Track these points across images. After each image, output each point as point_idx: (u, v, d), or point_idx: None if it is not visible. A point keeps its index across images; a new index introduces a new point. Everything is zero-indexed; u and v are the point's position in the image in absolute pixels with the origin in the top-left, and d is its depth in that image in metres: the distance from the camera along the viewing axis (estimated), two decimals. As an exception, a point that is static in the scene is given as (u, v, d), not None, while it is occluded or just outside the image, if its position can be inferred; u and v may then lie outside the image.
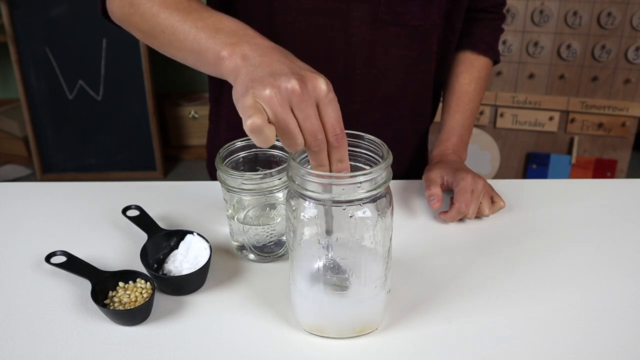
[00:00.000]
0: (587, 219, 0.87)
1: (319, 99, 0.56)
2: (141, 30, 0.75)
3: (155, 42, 0.73)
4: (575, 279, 0.75)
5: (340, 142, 0.57)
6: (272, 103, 0.54)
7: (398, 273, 0.74)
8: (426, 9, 0.89)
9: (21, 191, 0.94)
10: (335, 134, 0.56)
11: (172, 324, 0.67)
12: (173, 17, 0.69)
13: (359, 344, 0.65)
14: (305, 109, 0.55)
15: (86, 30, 2.41)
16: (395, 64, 0.93)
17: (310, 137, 0.56)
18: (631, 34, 2.00)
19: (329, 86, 0.56)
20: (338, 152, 0.57)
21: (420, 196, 0.93)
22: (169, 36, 0.70)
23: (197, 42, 0.66)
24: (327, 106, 0.56)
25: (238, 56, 0.60)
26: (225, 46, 0.62)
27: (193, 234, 0.76)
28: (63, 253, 0.74)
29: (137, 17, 0.74)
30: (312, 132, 0.56)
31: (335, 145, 0.57)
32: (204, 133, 2.22)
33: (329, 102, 0.56)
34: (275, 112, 0.55)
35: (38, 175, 2.64)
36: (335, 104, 0.57)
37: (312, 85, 0.55)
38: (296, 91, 0.54)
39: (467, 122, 1.01)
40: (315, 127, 0.55)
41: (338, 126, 0.57)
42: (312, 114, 0.55)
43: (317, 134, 0.56)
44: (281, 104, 0.55)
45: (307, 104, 0.55)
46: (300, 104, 0.55)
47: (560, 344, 0.64)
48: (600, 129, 2.15)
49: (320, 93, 0.56)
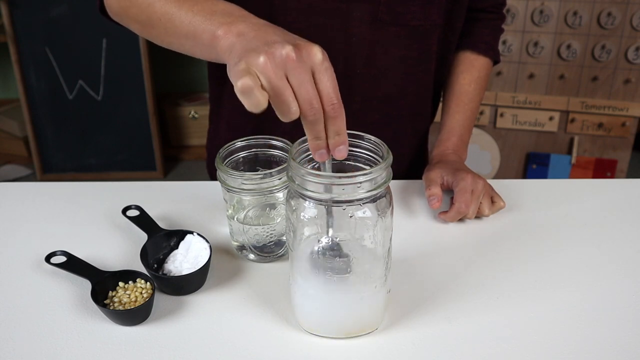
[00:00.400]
0: (587, 219, 0.87)
1: (315, 66, 0.54)
2: (139, 22, 0.75)
3: (153, 31, 0.74)
4: (575, 279, 0.75)
5: (337, 112, 0.55)
6: (265, 69, 0.53)
7: (398, 273, 0.74)
8: (426, 9, 0.89)
9: (21, 191, 0.94)
10: (332, 102, 0.55)
11: (172, 324, 0.67)
12: (169, 4, 0.70)
13: (359, 344, 0.65)
14: (300, 75, 0.54)
15: (86, 30, 2.41)
16: (395, 64, 0.93)
17: (306, 105, 0.54)
18: (631, 34, 2.00)
19: (324, 55, 0.55)
20: (335, 123, 0.56)
21: (420, 196, 0.93)
22: (165, 23, 0.70)
23: (192, 26, 0.66)
24: (323, 74, 0.55)
25: (233, 34, 0.60)
26: (221, 25, 0.62)
27: (193, 234, 0.76)
28: (63, 253, 0.74)
29: (135, 9, 0.75)
30: (307, 99, 0.54)
31: (332, 115, 0.55)
32: (204, 133, 2.21)
33: (324, 70, 0.55)
34: (269, 79, 0.53)
35: (38, 175, 2.64)
36: (331, 73, 0.55)
37: (306, 52, 0.54)
38: (291, 57, 0.53)
39: (467, 122, 1.01)
40: (310, 94, 0.54)
41: (335, 95, 0.55)
42: (307, 80, 0.54)
43: (313, 102, 0.54)
44: (275, 71, 0.53)
45: (302, 71, 0.54)
46: (295, 70, 0.54)
47: (560, 344, 0.64)
48: (600, 129, 2.15)
49: (315, 60, 0.54)
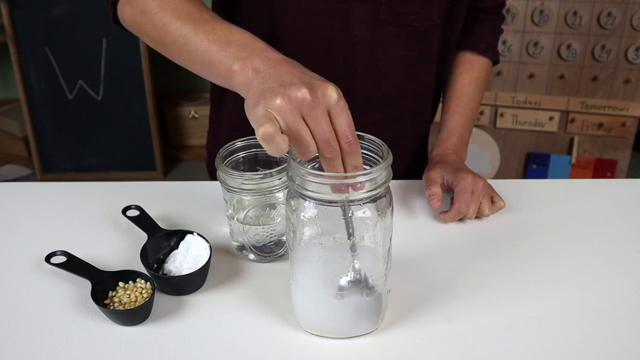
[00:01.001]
0: (587, 219, 0.87)
1: (330, 106, 0.56)
2: (152, 39, 0.75)
3: (167, 51, 0.73)
4: (575, 279, 0.75)
5: (354, 148, 0.57)
6: (283, 112, 0.55)
7: (398, 273, 0.74)
8: (427, 9, 0.89)
9: (21, 191, 0.94)
10: (348, 140, 0.57)
11: (172, 324, 0.67)
12: (185, 27, 0.69)
13: (359, 344, 0.65)
14: (317, 116, 0.56)
15: (86, 30, 2.41)
16: (395, 64, 0.93)
17: (324, 145, 0.56)
18: (631, 34, 2.00)
19: (339, 94, 0.57)
20: (352, 158, 0.58)
21: (420, 196, 0.93)
22: (180, 47, 0.70)
23: (208, 55, 0.66)
24: (339, 113, 0.57)
25: (249, 69, 0.61)
26: (237, 60, 0.62)
27: (193, 234, 0.76)
28: (63, 253, 0.74)
29: (149, 26, 0.74)
30: (324, 139, 0.56)
31: (349, 151, 0.57)
32: (204, 133, 2.21)
33: (340, 110, 0.57)
34: (287, 121, 0.55)
35: (38, 175, 2.64)
36: (346, 111, 0.57)
37: (322, 93, 0.56)
38: (306, 99, 0.55)
39: (467, 122, 1.01)
40: (327, 134, 0.56)
41: (350, 133, 0.57)
42: (323, 122, 0.56)
43: (330, 141, 0.56)
44: (292, 113, 0.55)
45: (318, 112, 0.56)
46: (311, 111, 0.55)
47: (560, 344, 0.64)
48: (600, 129, 2.15)
49: (330, 101, 0.56)
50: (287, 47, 0.88)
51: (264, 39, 0.66)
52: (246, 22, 0.77)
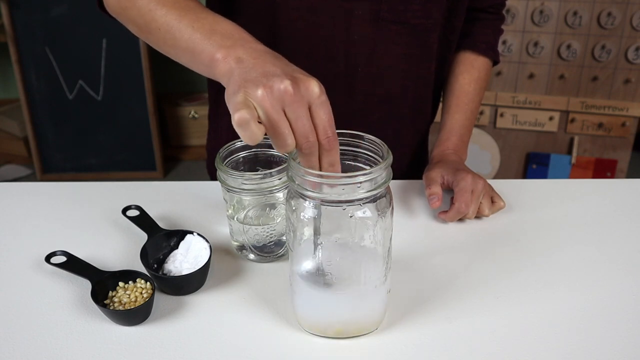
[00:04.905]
0: (587, 219, 0.87)
1: (311, 100, 0.56)
2: (137, 25, 0.75)
3: (150, 37, 0.74)
4: (575, 279, 0.75)
5: (332, 145, 0.57)
6: (263, 103, 0.55)
7: (398, 273, 0.74)
8: (427, 8, 0.90)
9: (21, 191, 0.94)
10: (327, 136, 0.56)
11: (172, 324, 0.67)
12: (170, 14, 0.69)
13: (359, 344, 0.65)
14: (297, 109, 0.55)
15: (86, 30, 2.41)
16: (396, 63, 0.93)
17: (302, 139, 0.56)
18: (631, 34, 2.00)
19: (321, 89, 0.56)
20: (329, 155, 0.57)
21: (420, 196, 0.93)
22: (164, 34, 0.70)
23: (192, 42, 0.66)
24: (319, 108, 0.56)
25: (232, 59, 0.60)
26: (220, 48, 0.62)
27: (193, 234, 0.76)
28: (63, 253, 0.74)
29: (134, 12, 0.74)
30: (303, 133, 0.55)
31: (327, 148, 0.57)
32: (204, 133, 2.21)
33: (321, 104, 0.56)
34: (267, 112, 0.55)
35: (38, 175, 2.64)
36: (327, 107, 0.56)
37: (304, 87, 0.56)
38: (288, 92, 0.55)
39: (467, 122, 1.01)
40: (306, 128, 0.55)
41: (330, 129, 0.56)
42: (303, 115, 0.55)
43: (309, 136, 0.56)
44: (273, 104, 0.55)
45: (299, 105, 0.55)
46: (292, 104, 0.55)
47: (560, 344, 0.64)
48: (600, 129, 2.15)
49: (312, 95, 0.56)
50: (288, 45, 0.88)
51: (264, 38, 0.66)
52: (246, 21, 0.77)
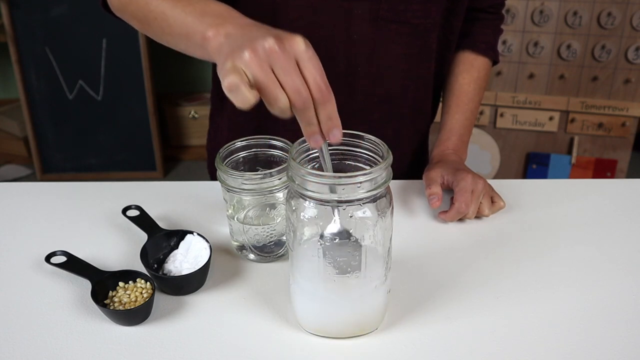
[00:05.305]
0: (587, 219, 0.87)
1: (298, 56, 0.55)
2: (137, 19, 0.78)
3: (150, 30, 0.76)
4: (575, 279, 0.75)
5: (326, 97, 0.56)
6: (251, 64, 0.54)
7: (398, 273, 0.74)
8: (426, 7, 0.90)
9: (21, 191, 0.94)
10: (320, 89, 0.55)
11: (172, 324, 0.67)
12: (164, 4, 0.72)
13: (359, 344, 0.65)
14: (285, 66, 0.55)
15: (86, 30, 2.41)
16: (395, 62, 0.93)
17: (293, 94, 0.55)
18: (631, 34, 2.00)
19: (307, 44, 0.56)
20: (325, 108, 0.56)
21: (420, 196, 0.93)
22: (161, 22, 0.72)
23: (185, 27, 0.68)
24: (308, 62, 0.55)
25: (222, 35, 0.61)
26: (210, 27, 0.63)
27: (193, 234, 0.76)
28: (63, 253, 0.74)
29: (133, 7, 0.77)
30: (293, 87, 0.55)
31: (321, 100, 0.56)
32: (204, 133, 2.21)
33: (309, 59, 0.56)
34: (255, 73, 0.54)
35: (38, 175, 2.64)
36: (316, 61, 0.56)
37: (289, 43, 0.55)
38: (274, 50, 0.55)
39: (467, 122, 1.01)
40: (296, 82, 0.55)
41: (322, 81, 0.56)
42: (291, 70, 0.55)
43: (300, 89, 0.55)
44: (260, 64, 0.54)
45: (286, 61, 0.55)
46: (279, 61, 0.55)
47: (561, 344, 0.64)
48: (600, 129, 2.15)
49: (298, 50, 0.55)
50: None
51: None
52: None
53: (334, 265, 0.62)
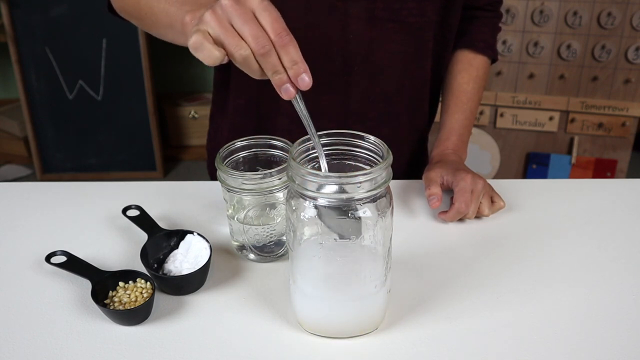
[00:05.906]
0: (587, 219, 0.87)
1: (254, 7, 0.58)
2: (134, 16, 0.82)
3: (145, 25, 0.81)
4: (576, 279, 0.75)
5: (286, 40, 0.58)
6: (210, 22, 0.58)
7: (398, 273, 0.74)
8: (422, 6, 0.90)
9: (21, 191, 0.94)
10: (277, 32, 0.58)
11: (172, 324, 0.67)
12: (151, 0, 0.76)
13: (359, 344, 0.65)
14: (242, 17, 0.57)
15: (86, 30, 2.41)
16: (392, 61, 0.93)
17: (253, 41, 0.57)
18: (631, 34, 2.00)
19: None
20: (287, 52, 0.58)
21: (420, 196, 0.93)
22: (151, 16, 0.77)
23: (168, 17, 0.72)
24: (263, 11, 0.58)
25: (197, 18, 0.64)
26: (187, 13, 0.67)
27: (193, 234, 0.76)
28: (63, 253, 0.74)
29: (129, 6, 0.82)
30: (252, 34, 0.57)
31: (281, 44, 0.58)
32: (204, 133, 2.21)
33: (264, 9, 0.58)
34: (214, 28, 0.58)
35: (38, 175, 2.64)
36: (271, 9, 0.58)
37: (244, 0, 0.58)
38: (230, 5, 0.58)
39: (467, 121, 1.01)
40: (254, 30, 0.57)
41: (279, 25, 0.58)
42: (248, 19, 0.57)
43: (258, 36, 0.57)
44: (218, 20, 0.58)
45: (242, 13, 0.57)
46: (236, 15, 0.57)
47: (561, 344, 0.64)
48: (600, 129, 2.15)
49: (253, 3, 0.58)
50: None
51: None
52: None
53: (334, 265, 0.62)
